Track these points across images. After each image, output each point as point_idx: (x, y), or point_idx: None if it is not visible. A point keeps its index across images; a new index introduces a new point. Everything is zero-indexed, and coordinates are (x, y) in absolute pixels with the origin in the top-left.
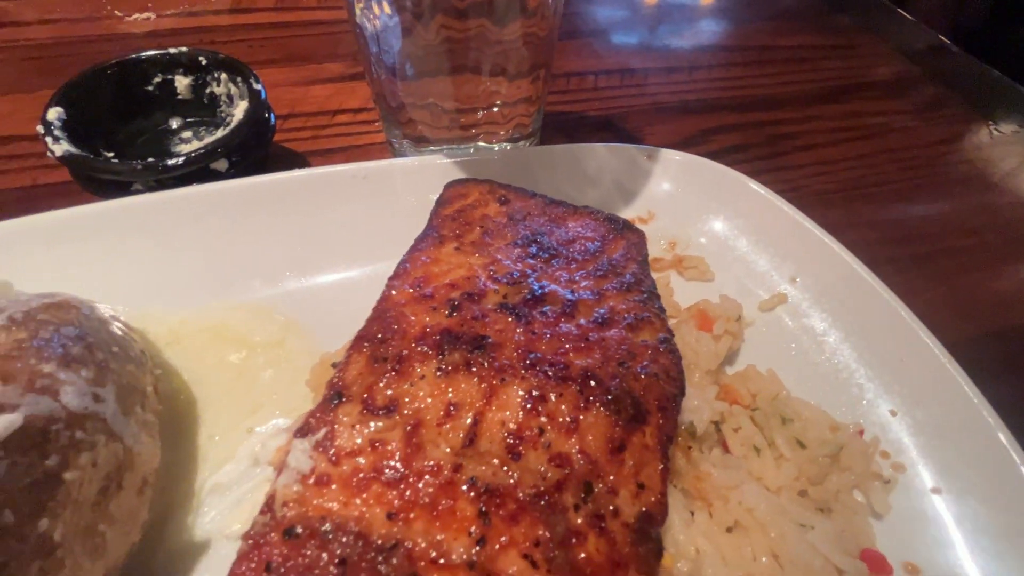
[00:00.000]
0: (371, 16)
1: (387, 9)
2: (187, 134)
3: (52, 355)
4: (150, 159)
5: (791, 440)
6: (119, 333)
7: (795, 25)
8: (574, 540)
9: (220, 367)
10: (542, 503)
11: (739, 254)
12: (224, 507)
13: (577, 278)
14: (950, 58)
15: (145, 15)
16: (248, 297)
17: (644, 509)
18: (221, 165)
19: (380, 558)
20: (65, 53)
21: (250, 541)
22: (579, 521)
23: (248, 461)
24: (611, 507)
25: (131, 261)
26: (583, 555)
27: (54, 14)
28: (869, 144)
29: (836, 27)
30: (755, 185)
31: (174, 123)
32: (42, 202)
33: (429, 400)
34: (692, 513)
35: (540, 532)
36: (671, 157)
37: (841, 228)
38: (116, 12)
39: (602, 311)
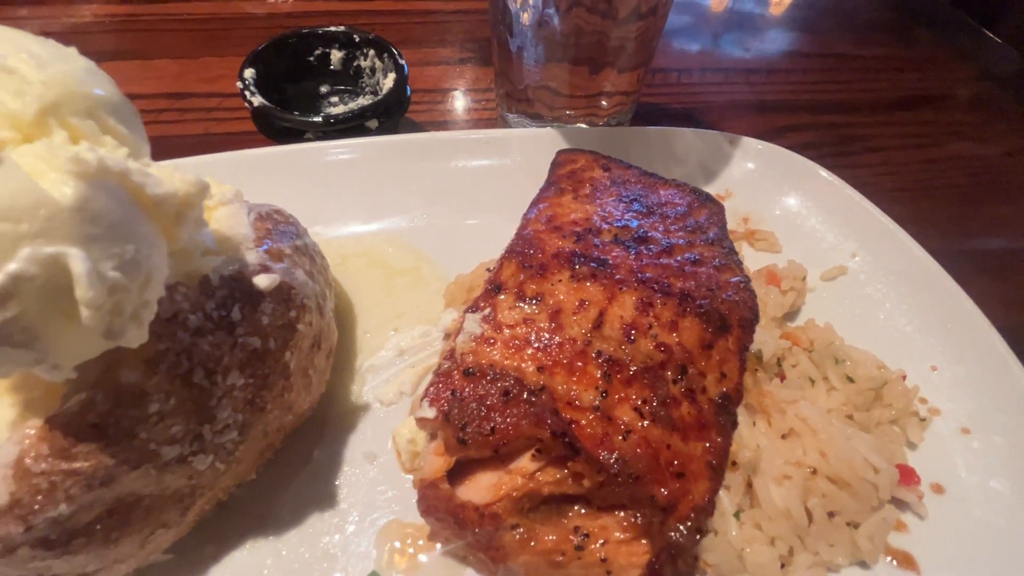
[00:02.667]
0: (521, 4)
1: (544, 4)
2: (334, 99)
3: (287, 243)
4: (322, 114)
5: (842, 376)
6: (315, 241)
7: (875, 37)
8: (671, 404)
9: (371, 283)
10: (649, 374)
11: (806, 231)
12: (378, 382)
13: (672, 229)
14: None
15: None
16: (390, 229)
17: (725, 390)
18: (372, 124)
19: (532, 396)
20: (221, 27)
21: (440, 374)
22: (676, 392)
23: (394, 352)
24: (700, 386)
25: (303, 193)
26: (677, 415)
27: None
28: (939, 151)
29: (917, 41)
30: (825, 173)
31: (323, 89)
32: (214, 147)
33: (565, 296)
34: (754, 423)
35: (647, 394)
36: (751, 144)
37: (903, 221)
38: None
39: (693, 255)
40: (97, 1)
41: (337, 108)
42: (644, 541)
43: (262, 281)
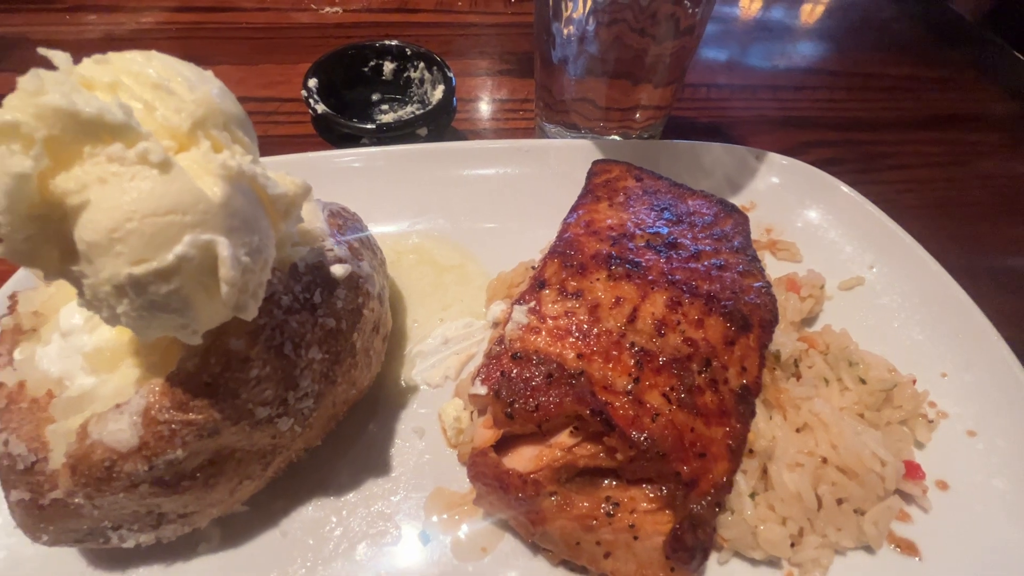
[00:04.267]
0: (565, 21)
1: (587, 21)
2: (384, 107)
3: (355, 237)
4: (376, 121)
5: (855, 377)
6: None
7: (904, 56)
8: (696, 392)
9: (421, 277)
10: (676, 365)
11: (826, 243)
12: (425, 367)
13: (699, 237)
14: None
15: (334, 9)
16: (438, 229)
17: (744, 382)
18: (423, 131)
19: (572, 379)
20: (276, 36)
21: (491, 357)
22: (700, 381)
23: (440, 340)
24: (723, 377)
25: (359, 193)
26: (701, 402)
27: (266, 3)
28: (961, 169)
29: (945, 61)
30: (846, 188)
31: (374, 97)
32: (274, 149)
33: (602, 293)
34: (771, 416)
35: (674, 382)
36: (776, 159)
37: (922, 237)
38: (312, 5)
39: (719, 260)
40: (162, 9)
41: (387, 116)
42: (668, 512)
43: (337, 270)
